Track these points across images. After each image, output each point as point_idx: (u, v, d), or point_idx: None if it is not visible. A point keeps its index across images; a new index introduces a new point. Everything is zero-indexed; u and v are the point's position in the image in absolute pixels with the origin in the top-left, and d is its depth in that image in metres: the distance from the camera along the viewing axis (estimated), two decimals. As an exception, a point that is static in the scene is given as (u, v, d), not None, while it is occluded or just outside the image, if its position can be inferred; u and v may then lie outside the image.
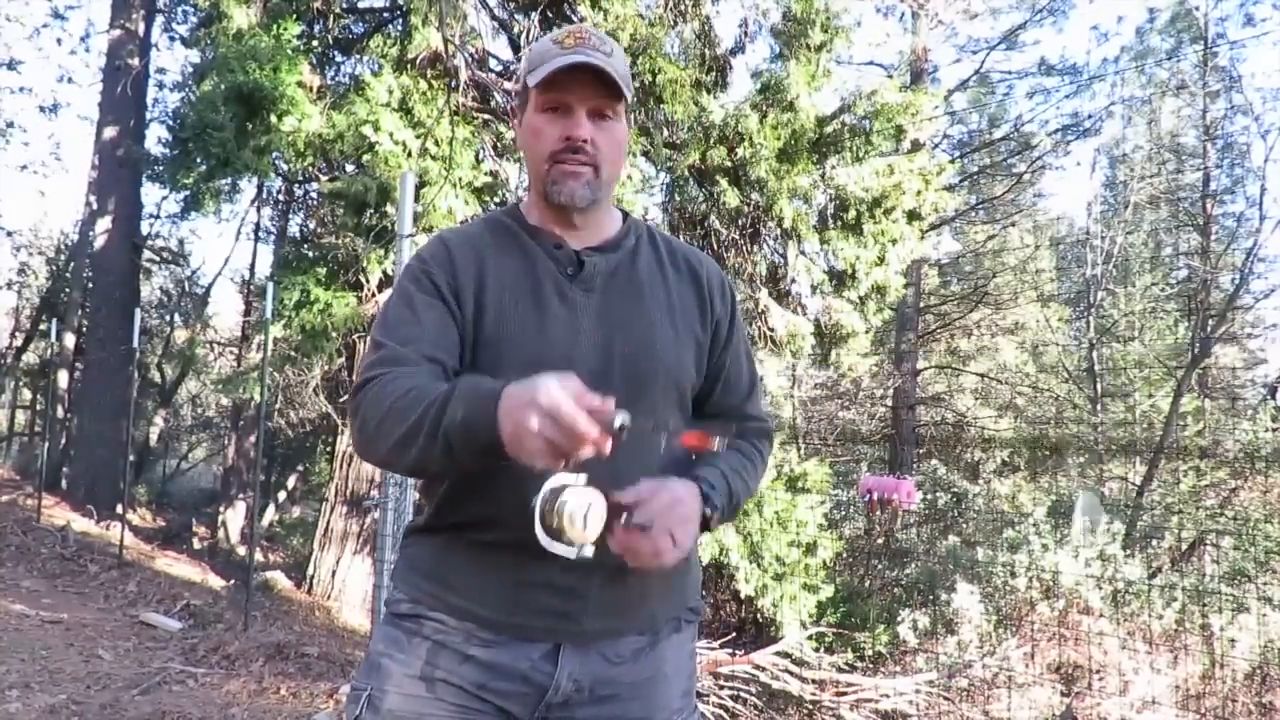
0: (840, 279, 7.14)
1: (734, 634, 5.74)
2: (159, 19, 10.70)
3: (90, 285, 10.72)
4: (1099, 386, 13.64)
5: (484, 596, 1.16)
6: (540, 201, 1.26)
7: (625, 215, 1.34)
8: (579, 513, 0.91)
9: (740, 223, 7.03)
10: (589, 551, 0.94)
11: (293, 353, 6.50)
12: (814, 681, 5.13)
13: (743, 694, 4.88)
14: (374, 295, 6.21)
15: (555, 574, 1.13)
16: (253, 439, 10.51)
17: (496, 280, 1.21)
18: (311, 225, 9.05)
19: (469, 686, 1.16)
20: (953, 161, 11.26)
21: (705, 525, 1.16)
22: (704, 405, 1.34)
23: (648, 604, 1.23)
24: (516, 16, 7.15)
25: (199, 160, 6.12)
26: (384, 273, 6.06)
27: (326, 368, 6.73)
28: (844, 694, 5.14)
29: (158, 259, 13.11)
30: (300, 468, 13.59)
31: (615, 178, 1.27)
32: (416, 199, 5.08)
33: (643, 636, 1.23)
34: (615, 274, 1.25)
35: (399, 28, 7.07)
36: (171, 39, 11.39)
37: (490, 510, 1.13)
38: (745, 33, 7.13)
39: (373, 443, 1.07)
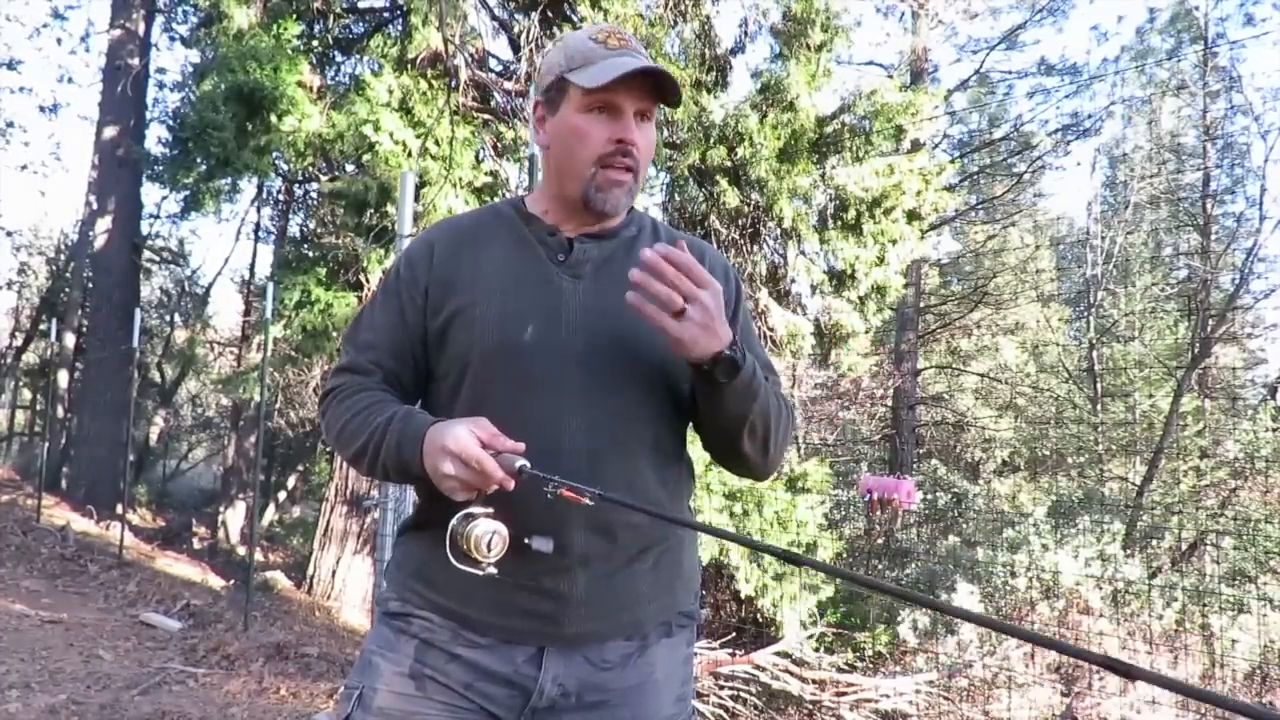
0: (840, 279, 7.13)
1: (734, 634, 5.74)
2: (159, 19, 10.70)
3: (90, 285, 10.73)
4: (1099, 386, 13.63)
5: (468, 597, 1.16)
6: (565, 199, 1.24)
7: (630, 208, 1.33)
8: (484, 539, 1.05)
9: (740, 223, 7.03)
10: (493, 570, 1.06)
11: (293, 353, 6.50)
12: (814, 681, 5.13)
13: (743, 694, 4.89)
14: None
15: (538, 575, 1.13)
16: (253, 439, 10.51)
17: (479, 267, 1.22)
18: (311, 225, 9.05)
19: (456, 686, 1.16)
20: (953, 161, 11.25)
21: (715, 370, 1.10)
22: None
23: (634, 608, 1.21)
24: (516, 16, 7.15)
25: (199, 160, 6.13)
26: (384, 272, 6.06)
27: (326, 368, 6.72)
28: (844, 694, 5.14)
29: (158, 259, 13.11)
30: (300, 468, 13.59)
31: (645, 180, 1.27)
32: (416, 199, 5.07)
33: (630, 641, 1.21)
34: (609, 261, 1.24)
35: (399, 28, 7.07)
36: (171, 39, 11.39)
37: None
38: (745, 33, 7.13)
39: (337, 451, 1.25)
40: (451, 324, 1.20)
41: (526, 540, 1.09)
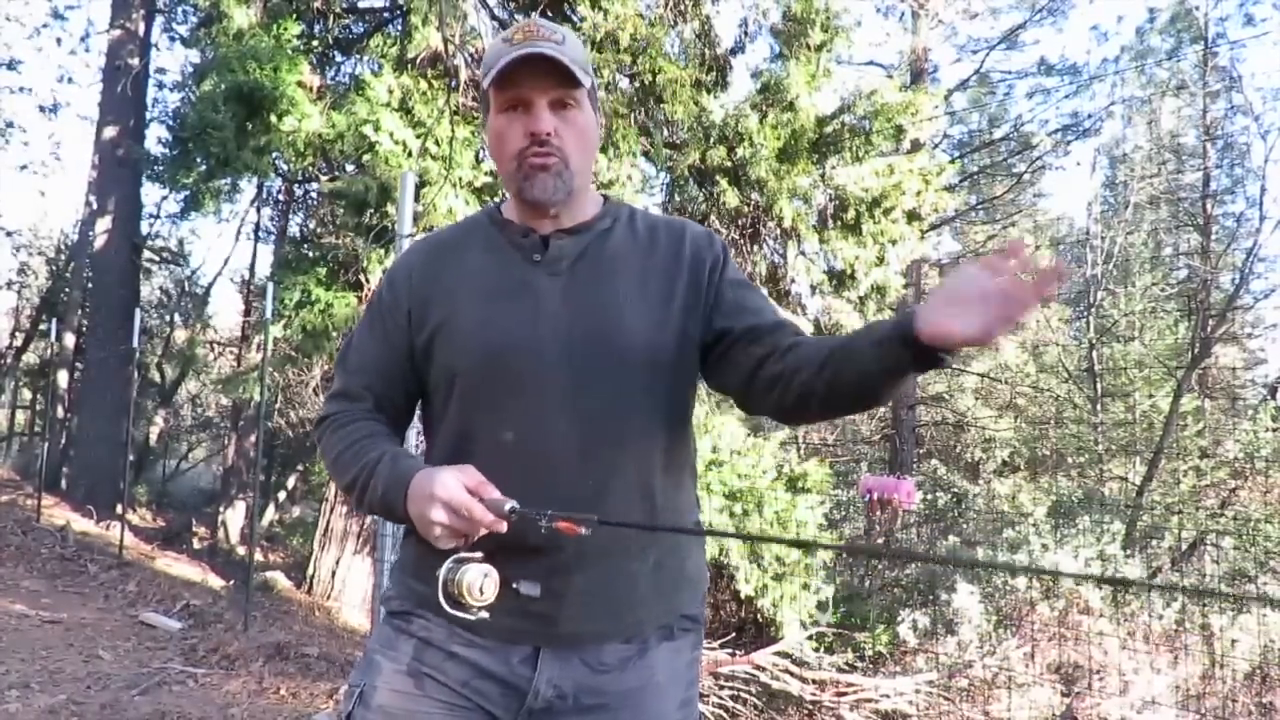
0: (840, 279, 7.13)
1: (734, 634, 5.73)
2: (159, 19, 10.69)
3: (90, 285, 10.72)
4: (1099, 386, 13.63)
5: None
6: (516, 202, 1.26)
7: (605, 199, 1.32)
8: (475, 584, 1.06)
9: (740, 223, 7.03)
10: (485, 615, 1.07)
11: (293, 353, 6.50)
12: (814, 681, 5.13)
13: (743, 694, 4.89)
14: (374, 295, 6.20)
15: (535, 575, 1.14)
16: (253, 439, 10.51)
17: (457, 279, 1.23)
18: (311, 225, 9.05)
19: (454, 684, 1.17)
20: (953, 161, 11.23)
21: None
22: (735, 346, 1.20)
23: (633, 609, 1.19)
24: (516, 16, 7.14)
25: (199, 160, 6.12)
26: (384, 273, 6.06)
27: (326, 368, 6.72)
28: (844, 694, 5.13)
29: (158, 259, 13.11)
30: (300, 468, 13.57)
31: (588, 167, 1.24)
32: (416, 199, 5.07)
33: (630, 644, 1.19)
34: (584, 255, 1.23)
35: (399, 28, 7.07)
36: (171, 39, 11.40)
37: None
38: (745, 32, 7.13)
39: (332, 479, 1.30)
40: (435, 339, 1.21)
41: (515, 585, 1.11)
